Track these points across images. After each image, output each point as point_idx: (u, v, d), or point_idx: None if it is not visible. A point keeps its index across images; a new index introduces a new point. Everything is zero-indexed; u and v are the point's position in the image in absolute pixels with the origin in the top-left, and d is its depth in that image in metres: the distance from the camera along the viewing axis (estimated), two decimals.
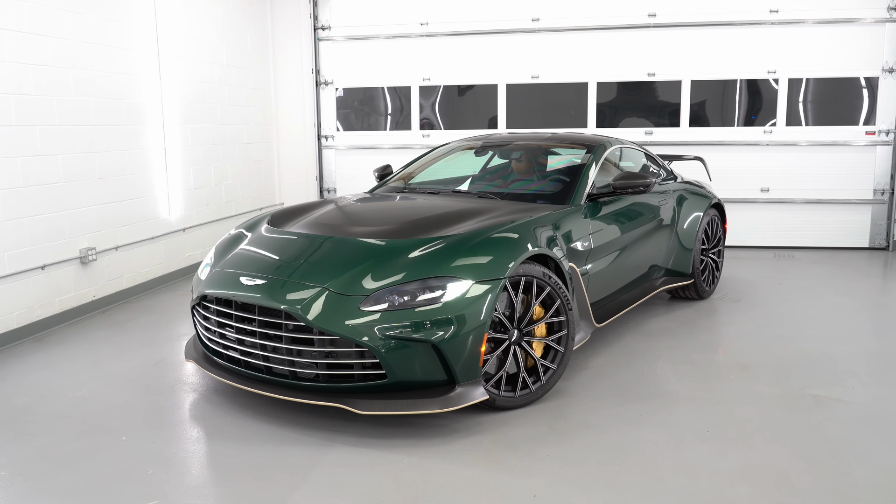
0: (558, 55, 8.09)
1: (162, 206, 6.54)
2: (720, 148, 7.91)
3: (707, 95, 7.90)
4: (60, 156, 5.25)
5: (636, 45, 7.92)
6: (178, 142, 6.72)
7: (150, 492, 2.91)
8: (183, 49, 6.77)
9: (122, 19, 5.87)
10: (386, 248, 3.65)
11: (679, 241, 5.40)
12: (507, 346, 3.60)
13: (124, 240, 6.00)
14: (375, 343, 3.24)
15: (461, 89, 8.41)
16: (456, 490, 2.90)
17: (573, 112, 8.14)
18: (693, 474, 3.01)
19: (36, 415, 3.69)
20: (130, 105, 6.02)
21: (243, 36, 7.94)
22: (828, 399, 3.79)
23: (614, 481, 2.96)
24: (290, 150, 8.76)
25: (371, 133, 8.69)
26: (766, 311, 5.48)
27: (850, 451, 3.22)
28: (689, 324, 5.17)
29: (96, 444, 3.34)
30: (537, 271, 3.65)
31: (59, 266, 5.28)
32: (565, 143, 5.11)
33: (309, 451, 3.24)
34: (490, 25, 8.16)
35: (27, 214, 4.96)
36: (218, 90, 7.42)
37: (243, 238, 4.17)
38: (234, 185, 7.80)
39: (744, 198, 7.99)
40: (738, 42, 7.73)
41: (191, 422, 3.58)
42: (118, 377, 4.21)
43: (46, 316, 5.17)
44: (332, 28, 8.51)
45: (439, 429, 3.45)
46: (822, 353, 4.50)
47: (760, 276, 6.64)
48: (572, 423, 3.52)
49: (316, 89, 8.63)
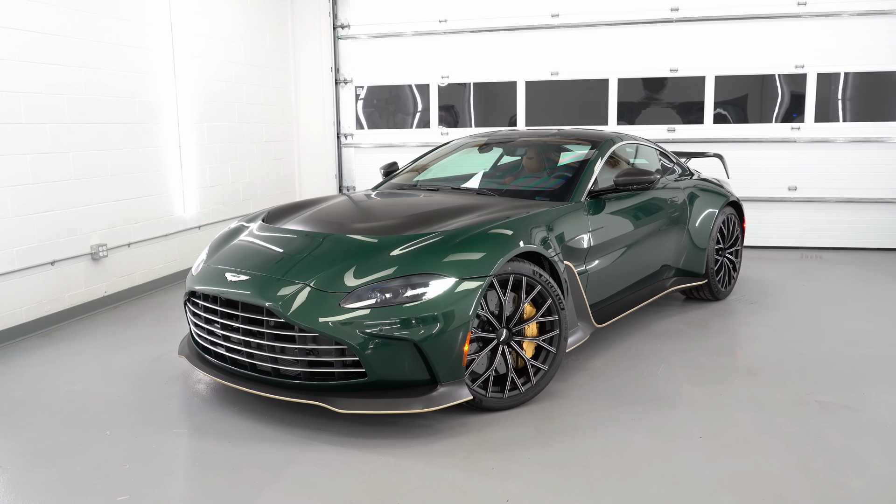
0: (578, 51, 7.94)
1: (177, 203, 6.60)
2: (745, 145, 7.67)
3: (732, 91, 7.66)
4: (71, 153, 5.32)
5: (658, 40, 7.73)
6: (193, 140, 6.78)
7: (121, 487, 2.90)
8: (199, 48, 6.82)
9: (134, 19, 5.93)
10: (372, 244, 3.59)
11: (691, 240, 5.23)
12: (496, 346, 3.51)
13: (137, 237, 6.06)
14: (355, 341, 3.18)
15: (480, 87, 8.31)
16: (428, 493, 2.82)
17: (593, 109, 7.98)
18: (677, 482, 2.88)
19: (29, 408, 3.73)
20: (144, 104, 6.08)
21: (262, 35, 7.98)
22: (834, 406, 3.61)
23: (593, 487, 2.84)
24: (310, 149, 8.78)
25: (390, 131, 8.65)
26: (783, 313, 5.27)
27: (849, 460, 3.05)
28: (700, 325, 5.00)
29: (80, 438, 3.35)
30: (527, 269, 3.55)
31: (69, 262, 5.35)
32: (571, 139, 4.99)
33: (287, 448, 3.20)
34: (509, 22, 8.05)
35: (36, 211, 5.03)
36: (235, 89, 7.46)
37: (238, 233, 4.16)
38: (252, 183, 7.84)
39: (770, 196, 7.73)
40: (764, 36, 7.48)
41: (176, 418, 3.57)
42: (115, 372, 4.23)
43: (55, 311, 5.24)
44: (351, 26, 8.50)
45: (422, 429, 3.38)
46: (836, 358, 4.30)
47: (783, 277, 6.41)
48: (560, 425, 3.41)
49: (335, 87, 8.64)
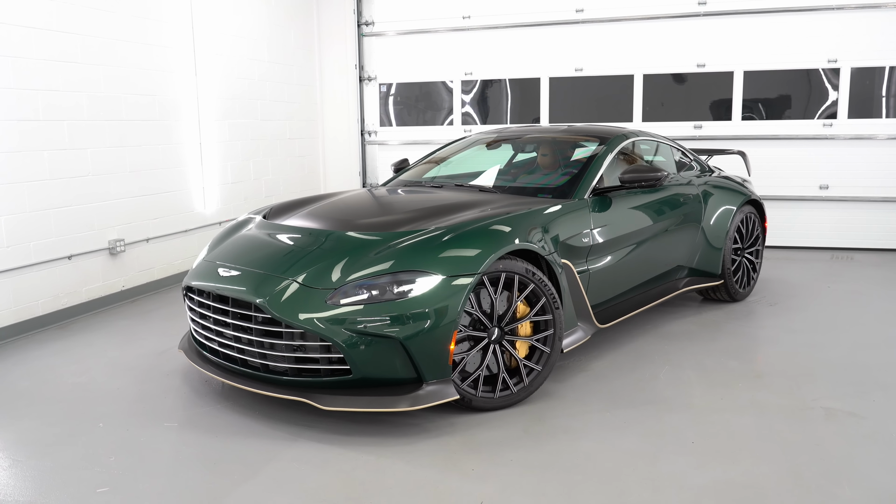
0: (603, 47, 7.81)
1: (197, 199, 6.69)
2: (775, 142, 7.44)
3: (761, 87, 7.43)
4: (89, 150, 5.43)
5: (685, 34, 7.54)
6: (214, 137, 6.86)
7: (104, 479, 2.93)
8: (221, 46, 6.89)
9: (154, 17, 6.02)
10: (364, 241, 3.57)
11: (706, 239, 5.09)
12: (487, 345, 3.46)
13: (156, 232, 6.16)
14: (339, 337, 3.17)
15: (504, 83, 8.23)
16: (402, 492, 2.79)
17: (618, 106, 7.84)
18: (660, 488, 2.79)
19: (31, 399, 3.81)
20: (164, 101, 6.18)
21: (286, 33, 8.03)
22: (840, 413, 3.46)
23: (572, 491, 2.77)
24: (335, 146, 8.83)
25: (414, 128, 8.64)
26: (802, 315, 5.09)
27: (846, 470, 2.91)
28: (712, 327, 4.85)
29: (74, 430, 3.41)
30: (519, 267, 3.49)
31: (86, 256, 5.46)
32: (580, 135, 4.89)
33: (272, 444, 3.21)
34: (533, 18, 7.95)
35: (53, 206, 5.15)
36: (259, 87, 7.53)
37: (239, 228, 4.19)
38: (275, 179, 7.91)
39: (800, 195, 7.48)
40: (795, 29, 7.23)
41: (170, 411, 3.61)
42: (120, 365, 4.30)
43: (72, 304, 5.36)
44: (374, 24, 8.51)
45: (409, 428, 3.35)
46: (850, 363, 4.13)
47: (809, 279, 6.19)
48: (550, 427, 3.34)
49: (359, 85, 8.66)
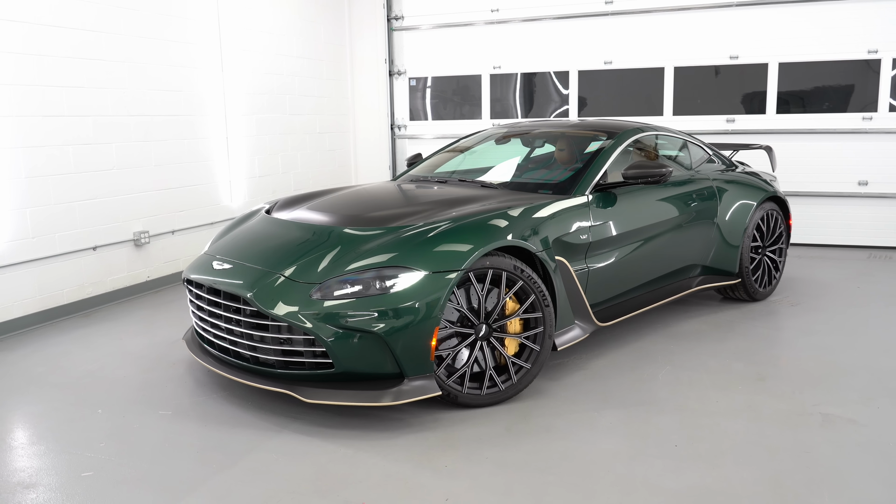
0: (633, 39, 7.65)
1: (223, 192, 6.83)
2: (810, 136, 7.18)
3: (796, 79, 7.17)
4: (114, 144, 5.61)
5: (717, 25, 7.33)
6: (242, 132, 6.99)
7: (91, 463, 3.04)
8: (248, 42, 7.01)
9: (179, 14, 6.16)
10: (353, 236, 3.60)
11: (721, 236, 4.95)
12: (475, 341, 3.45)
13: (181, 224, 6.33)
14: (322, 332, 3.20)
15: (532, 77, 8.16)
16: (371, 486, 2.81)
17: (648, 99, 7.68)
18: (631, 491, 2.74)
19: (42, 384, 3.97)
20: (190, 97, 6.32)
21: (317, 28, 8.12)
22: (839, 419, 3.34)
23: (540, 491, 2.75)
24: (366, 140, 8.90)
25: (443, 122, 8.64)
26: (822, 316, 4.92)
27: (831, 479, 2.81)
28: (725, 327, 4.73)
29: (74, 415, 3.54)
30: (507, 264, 3.46)
31: (111, 248, 5.65)
32: (588, 130, 4.81)
33: (257, 435, 3.27)
34: (561, 10, 7.85)
35: (79, 199, 5.33)
36: (287, 81, 7.64)
37: (243, 222, 4.28)
38: (304, 173, 8.02)
39: (837, 192, 7.20)
40: (833, 19, 6.95)
41: (167, 399, 3.71)
42: (131, 354, 4.43)
43: (97, 294, 5.55)
44: (404, 18, 8.52)
45: (393, 422, 3.36)
46: (861, 368, 3.97)
47: (839, 279, 5.97)
48: (533, 426, 3.31)
49: (389, 79, 8.70)
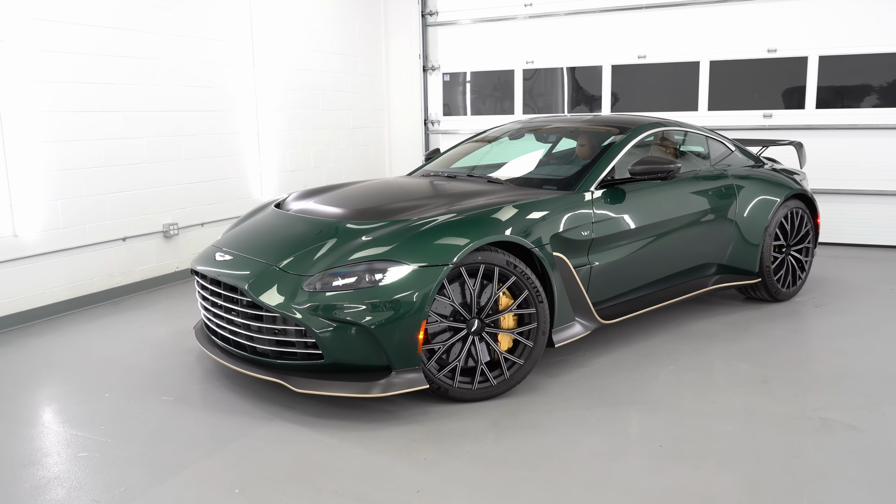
0: (667, 33, 7.50)
1: (254, 186, 6.99)
2: (852, 132, 6.91)
3: (837, 73, 6.91)
4: (144, 139, 5.80)
5: (755, 18, 7.12)
6: (273, 126, 7.14)
7: (88, 444, 3.17)
8: (280, 39, 7.14)
9: (211, 12, 6.32)
10: (350, 230, 3.65)
11: (740, 234, 4.82)
12: (467, 336, 3.46)
13: (211, 217, 6.50)
14: (311, 323, 3.26)
15: (565, 71, 8.07)
16: (347, 475, 2.86)
17: (682, 94, 7.51)
18: (603, 490, 2.71)
19: (60, 368, 4.15)
20: (221, 92, 6.49)
21: (351, 24, 8.22)
22: (839, 424, 3.22)
23: (512, 488, 2.75)
24: (400, 135, 8.98)
25: (476, 118, 8.63)
26: (844, 319, 4.75)
27: (816, 485, 2.72)
28: (740, 327, 4.61)
29: (83, 399, 3.69)
30: (499, 259, 3.46)
31: (140, 239, 5.85)
32: (602, 125, 4.75)
33: (248, 422, 3.35)
34: (595, 4, 7.74)
35: (108, 191, 5.54)
36: (320, 77, 7.75)
37: (254, 215, 4.38)
38: (337, 168, 8.13)
39: (880, 189, 6.92)
40: (877, 10, 6.67)
41: (172, 386, 3.83)
42: (148, 341, 4.59)
43: (126, 283, 5.76)
44: (438, 13, 8.54)
45: (382, 414, 3.40)
46: (874, 372, 3.83)
47: (872, 280, 5.74)
48: (520, 422, 3.31)
49: (423, 74, 8.74)
